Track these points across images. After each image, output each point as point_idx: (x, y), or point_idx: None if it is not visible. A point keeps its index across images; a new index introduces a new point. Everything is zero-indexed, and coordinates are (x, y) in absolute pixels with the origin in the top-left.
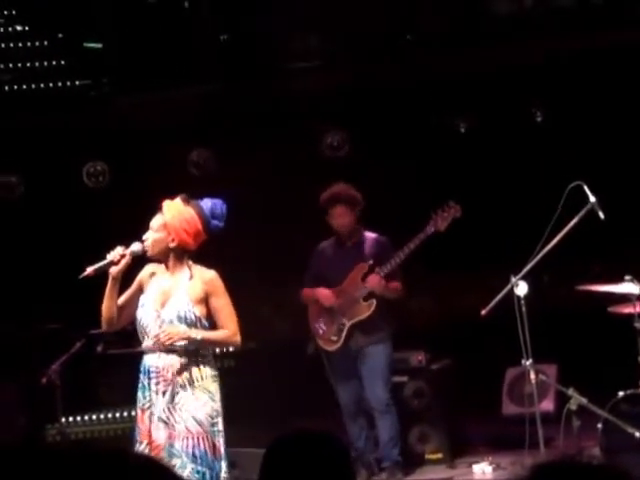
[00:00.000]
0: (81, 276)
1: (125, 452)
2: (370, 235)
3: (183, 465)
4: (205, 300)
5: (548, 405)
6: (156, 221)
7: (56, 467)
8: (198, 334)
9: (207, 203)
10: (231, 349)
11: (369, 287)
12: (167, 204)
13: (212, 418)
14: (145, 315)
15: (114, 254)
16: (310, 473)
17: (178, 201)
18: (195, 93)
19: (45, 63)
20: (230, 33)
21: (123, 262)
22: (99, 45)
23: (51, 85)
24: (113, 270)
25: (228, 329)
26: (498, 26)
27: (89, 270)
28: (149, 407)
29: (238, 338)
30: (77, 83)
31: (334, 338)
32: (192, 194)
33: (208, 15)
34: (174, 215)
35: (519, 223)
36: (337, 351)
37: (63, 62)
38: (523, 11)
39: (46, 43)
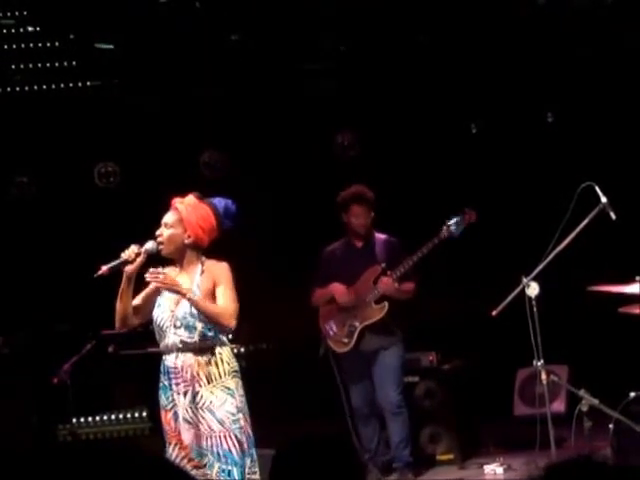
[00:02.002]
0: (96, 275)
1: (135, 452)
2: (381, 236)
3: (211, 464)
4: (214, 291)
5: (559, 406)
6: (170, 217)
7: (69, 468)
8: (193, 295)
9: (220, 202)
10: (242, 349)
11: (381, 291)
12: (181, 201)
13: (233, 415)
14: (161, 315)
15: (129, 253)
16: (320, 475)
17: (192, 197)
18: (206, 94)
19: (56, 64)
20: (241, 33)
21: (138, 261)
22: (110, 46)
23: (62, 86)
24: (128, 269)
25: (225, 310)
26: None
27: (104, 269)
28: (172, 407)
29: (233, 321)
30: (88, 84)
31: (345, 340)
32: (203, 195)
33: (220, 15)
34: (190, 211)
35: (530, 224)
36: (348, 353)
37: (74, 63)
38: (536, 12)
39: (57, 44)
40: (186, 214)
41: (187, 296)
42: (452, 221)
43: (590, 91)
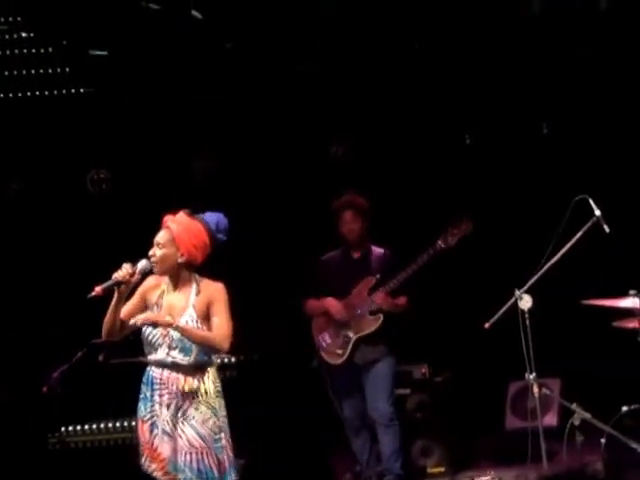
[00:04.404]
0: (89, 296)
1: None
2: (377, 249)
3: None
4: (209, 312)
5: (551, 419)
6: (162, 236)
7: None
8: (180, 323)
9: (212, 217)
10: (233, 359)
11: (376, 304)
12: (172, 219)
13: (215, 434)
14: (153, 331)
15: (123, 274)
16: None
17: (183, 215)
18: (200, 100)
19: (50, 70)
20: (234, 38)
21: (132, 281)
22: (104, 52)
23: (55, 92)
24: (122, 289)
25: (218, 331)
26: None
27: (97, 290)
28: (150, 418)
29: (226, 344)
30: (82, 90)
31: (339, 351)
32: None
33: (213, 20)
34: (182, 229)
35: (524, 236)
36: (341, 365)
37: (68, 69)
38: (531, 21)
39: (51, 50)
40: (178, 232)
41: (173, 326)
42: (447, 231)
43: (586, 103)
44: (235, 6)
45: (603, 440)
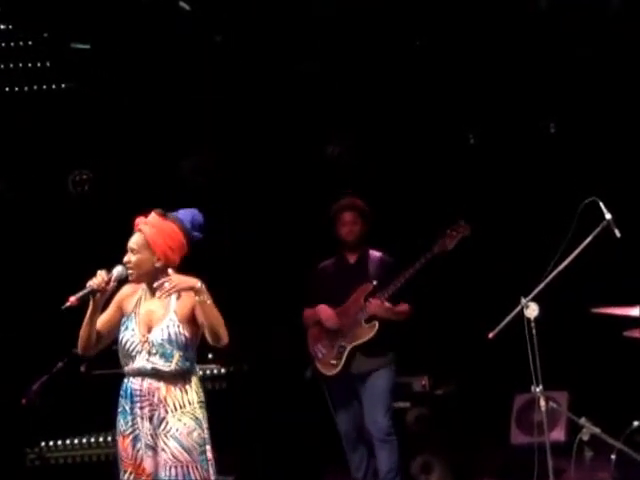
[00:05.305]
0: (64, 307)
1: None
2: (375, 254)
3: None
4: (194, 316)
5: (559, 434)
6: (136, 241)
7: None
8: (208, 299)
9: (186, 214)
10: (222, 370)
11: (369, 312)
12: (144, 221)
13: (200, 446)
14: (131, 338)
15: (98, 281)
16: None
17: (155, 216)
18: (188, 98)
19: (29, 64)
20: (226, 34)
21: (108, 289)
22: (87, 46)
23: (35, 87)
24: (98, 297)
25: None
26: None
27: (72, 300)
28: (131, 432)
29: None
30: (63, 86)
31: (334, 362)
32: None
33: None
34: (156, 232)
35: (530, 241)
36: (336, 376)
37: (48, 63)
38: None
39: (30, 43)
40: (151, 235)
41: (197, 287)
42: (444, 235)
43: (596, 101)
44: (232, 5)
45: (613, 456)
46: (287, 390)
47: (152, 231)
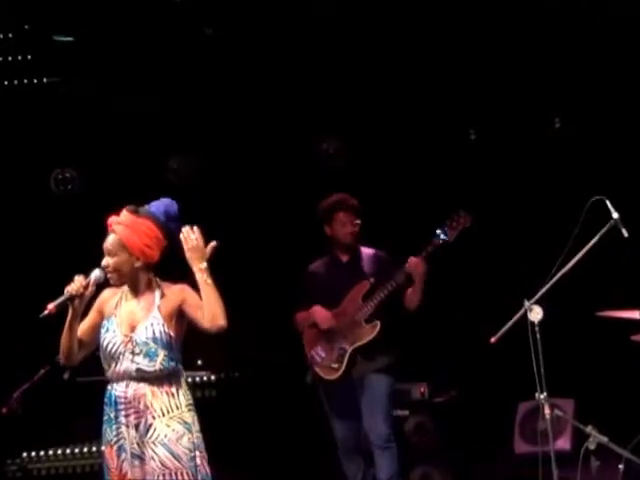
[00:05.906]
0: (42, 315)
1: None
2: (367, 250)
3: None
4: (179, 315)
5: (564, 444)
6: (112, 243)
7: None
8: (208, 277)
9: (159, 206)
10: (212, 377)
11: (410, 270)
12: (117, 221)
13: (190, 452)
14: (113, 339)
15: (76, 287)
16: None
17: (126, 214)
18: (175, 95)
19: (9, 58)
20: (216, 27)
21: (87, 294)
22: (70, 38)
23: (16, 82)
24: (77, 303)
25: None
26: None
27: (50, 307)
28: (117, 442)
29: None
30: (45, 80)
31: (335, 366)
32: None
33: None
34: (130, 231)
35: (534, 241)
36: (337, 380)
37: (30, 57)
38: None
39: (11, 35)
40: (126, 235)
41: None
42: (445, 226)
43: (602, 96)
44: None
45: (621, 466)
46: (278, 397)
47: (126, 231)
